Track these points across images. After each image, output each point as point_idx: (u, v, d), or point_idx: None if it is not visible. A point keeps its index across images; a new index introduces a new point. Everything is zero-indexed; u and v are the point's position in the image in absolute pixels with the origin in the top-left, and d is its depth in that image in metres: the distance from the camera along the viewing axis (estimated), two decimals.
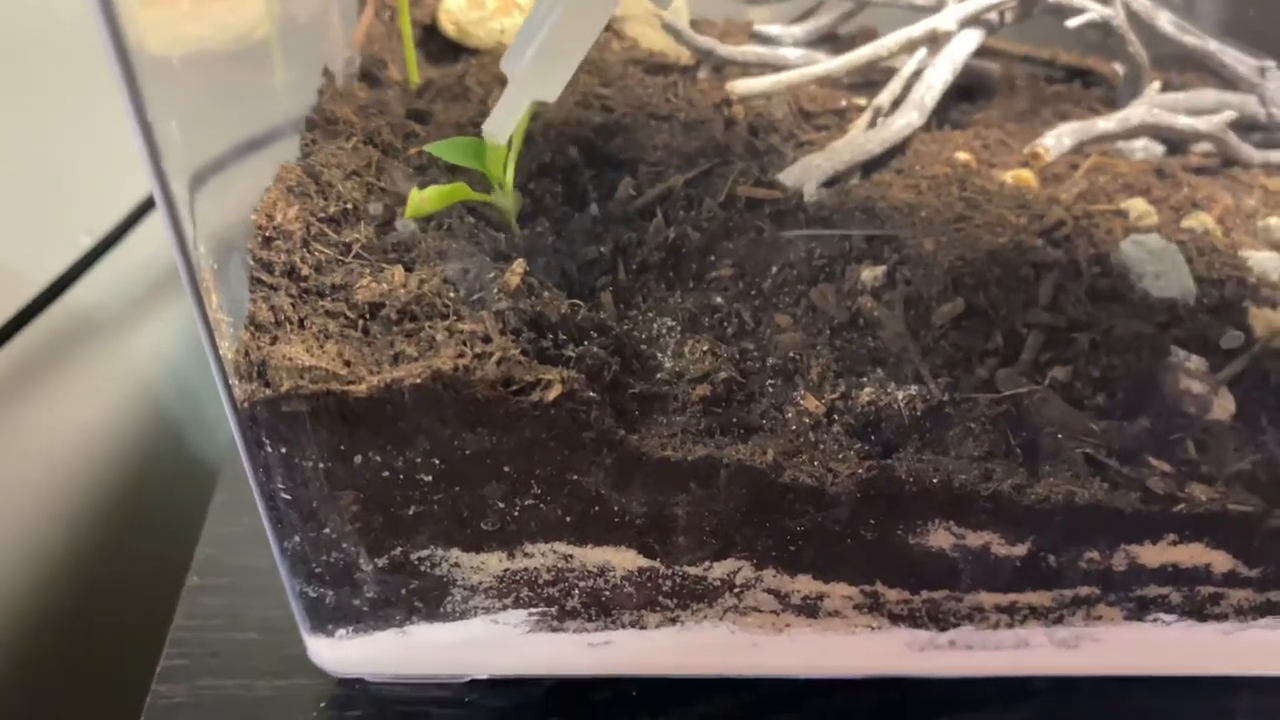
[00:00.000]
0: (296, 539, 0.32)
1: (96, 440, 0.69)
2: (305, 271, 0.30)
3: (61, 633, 0.66)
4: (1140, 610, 0.36)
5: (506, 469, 0.30)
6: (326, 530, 0.31)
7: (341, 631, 0.35)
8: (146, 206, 0.63)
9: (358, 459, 0.30)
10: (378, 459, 0.30)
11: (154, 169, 0.24)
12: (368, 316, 0.30)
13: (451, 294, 0.31)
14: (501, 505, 0.31)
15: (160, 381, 0.71)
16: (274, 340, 0.29)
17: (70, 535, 0.69)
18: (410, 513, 0.31)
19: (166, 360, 0.71)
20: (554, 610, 0.34)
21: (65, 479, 0.67)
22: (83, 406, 0.67)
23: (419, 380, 0.28)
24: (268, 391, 0.28)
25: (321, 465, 0.29)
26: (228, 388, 0.28)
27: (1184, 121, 0.43)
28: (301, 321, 0.29)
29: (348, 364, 0.28)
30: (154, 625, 0.49)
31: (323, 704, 0.37)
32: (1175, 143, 0.44)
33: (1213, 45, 0.45)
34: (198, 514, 0.71)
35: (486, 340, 0.29)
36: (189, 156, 0.27)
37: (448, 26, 0.44)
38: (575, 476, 0.31)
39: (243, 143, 0.33)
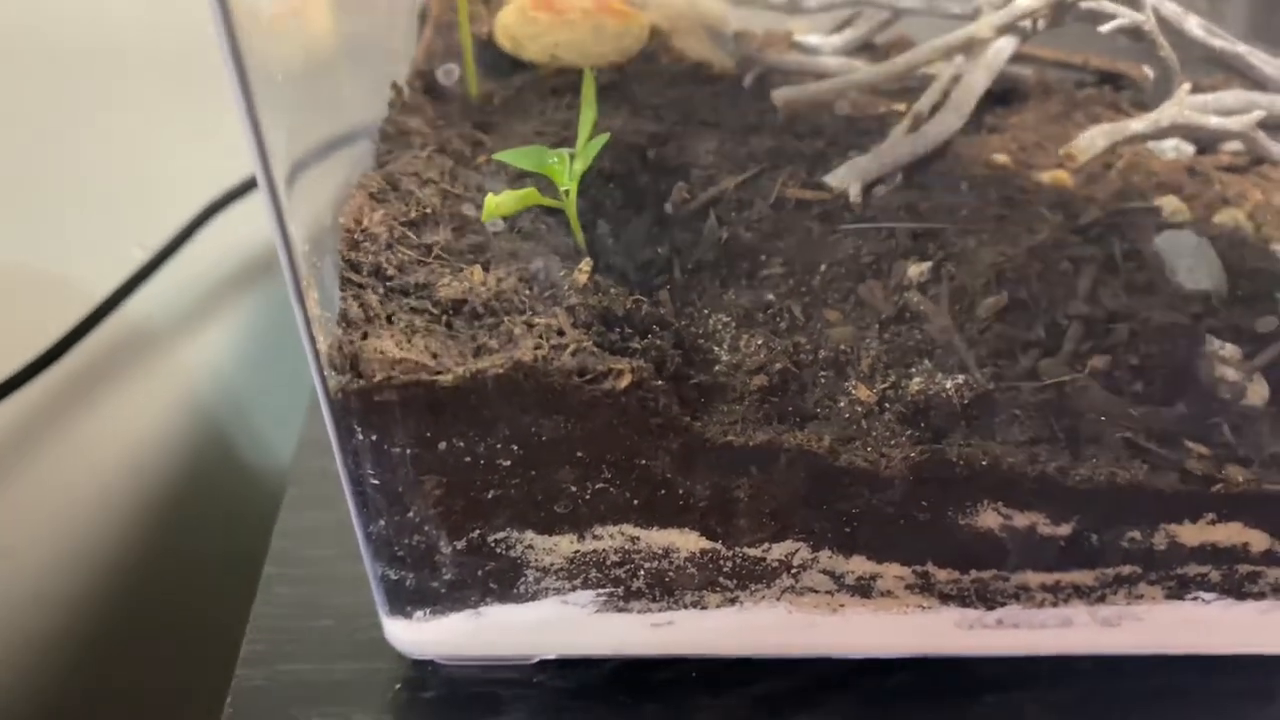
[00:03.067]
0: (381, 523, 0.34)
1: (149, 448, 0.71)
2: (390, 272, 0.32)
3: (128, 627, 0.69)
4: (1180, 589, 0.37)
5: (579, 454, 0.32)
6: (410, 514, 0.33)
7: (419, 613, 0.37)
8: (200, 220, 0.65)
9: (442, 445, 0.32)
10: (460, 445, 0.32)
11: (264, 175, 0.26)
12: (450, 313, 0.32)
13: (526, 291, 0.33)
14: (574, 489, 0.33)
15: (211, 393, 0.74)
16: (364, 335, 0.31)
17: (125, 539, 0.71)
18: (489, 496, 0.33)
19: (217, 372, 0.73)
20: (620, 591, 0.36)
21: (120, 486, 0.70)
22: (137, 417, 0.70)
23: (501, 370, 0.30)
24: (360, 382, 0.30)
25: (408, 451, 0.32)
26: (323, 379, 0.30)
27: (1214, 121, 0.44)
28: (389, 318, 0.31)
29: (434, 356, 0.30)
30: (221, 617, 0.51)
31: (397, 686, 0.39)
32: (1206, 142, 0.46)
33: (1241, 48, 0.46)
34: (249, 516, 0.73)
35: (561, 333, 0.31)
36: (286, 163, 0.29)
37: (504, 41, 0.46)
38: (643, 461, 0.33)
39: (317, 149, 0.35)
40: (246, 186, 0.65)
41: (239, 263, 0.70)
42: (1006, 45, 0.45)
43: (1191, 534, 0.35)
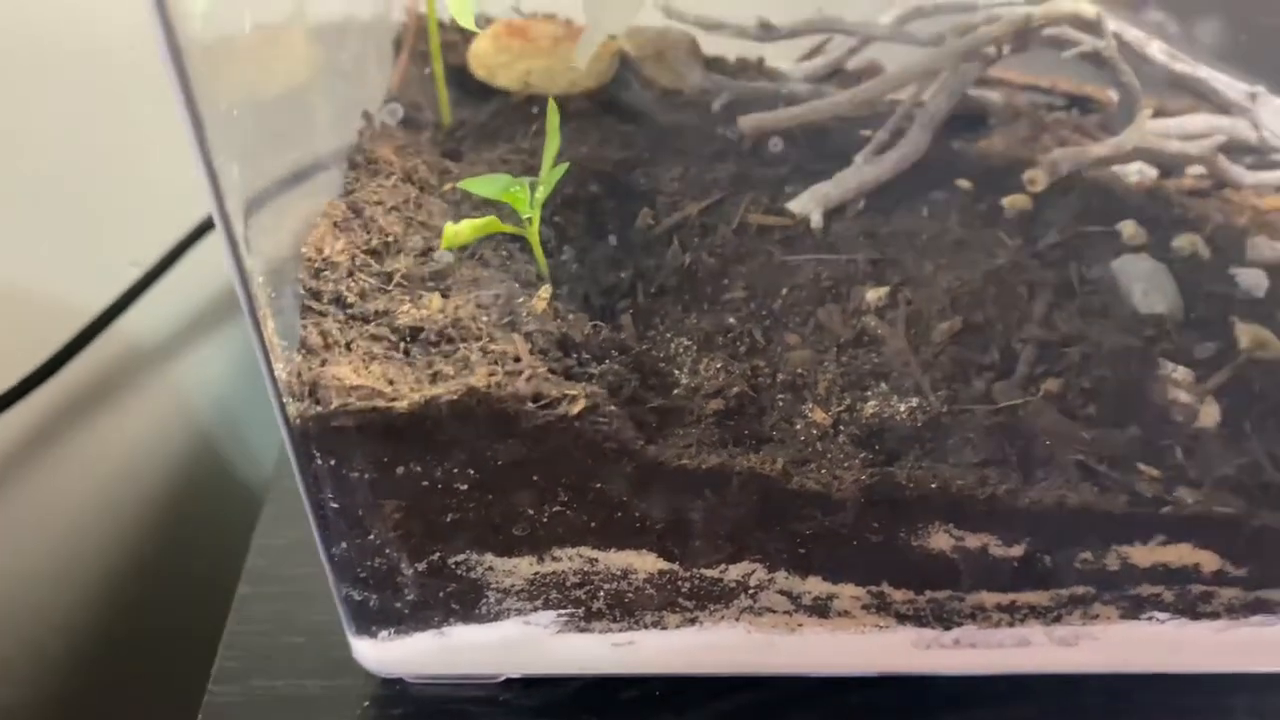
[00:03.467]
0: (343, 545, 0.34)
1: (143, 463, 0.72)
2: (351, 299, 0.33)
3: (117, 640, 0.69)
4: (1135, 608, 0.38)
5: (535, 478, 0.33)
6: (371, 537, 0.34)
7: (384, 633, 0.37)
8: (192, 238, 0.66)
9: (400, 470, 0.32)
10: (418, 470, 0.32)
11: (218, 207, 0.27)
12: (408, 339, 0.33)
13: (484, 318, 0.33)
14: (531, 512, 0.34)
15: (203, 408, 0.74)
16: (324, 362, 0.31)
17: (119, 553, 0.72)
18: (448, 520, 0.34)
19: (209, 387, 0.74)
20: (581, 611, 0.37)
21: (114, 500, 0.71)
22: (130, 432, 0.71)
23: (456, 396, 0.31)
24: (319, 409, 0.31)
25: (367, 476, 0.32)
26: (282, 406, 0.31)
27: (1176, 146, 0.45)
28: (348, 345, 0.32)
29: (391, 383, 0.31)
30: (205, 632, 0.52)
31: (366, 703, 0.40)
32: (1170, 166, 0.47)
33: (1203, 72, 0.47)
34: (240, 530, 0.73)
35: (517, 360, 0.32)
36: (243, 194, 0.30)
37: (478, 69, 0.47)
38: (598, 484, 0.33)
39: (284, 178, 0.36)
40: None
41: (232, 280, 0.71)
42: (971, 70, 0.46)
43: (1143, 555, 0.36)
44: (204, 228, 0.66)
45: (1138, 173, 0.46)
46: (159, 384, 0.71)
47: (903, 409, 0.36)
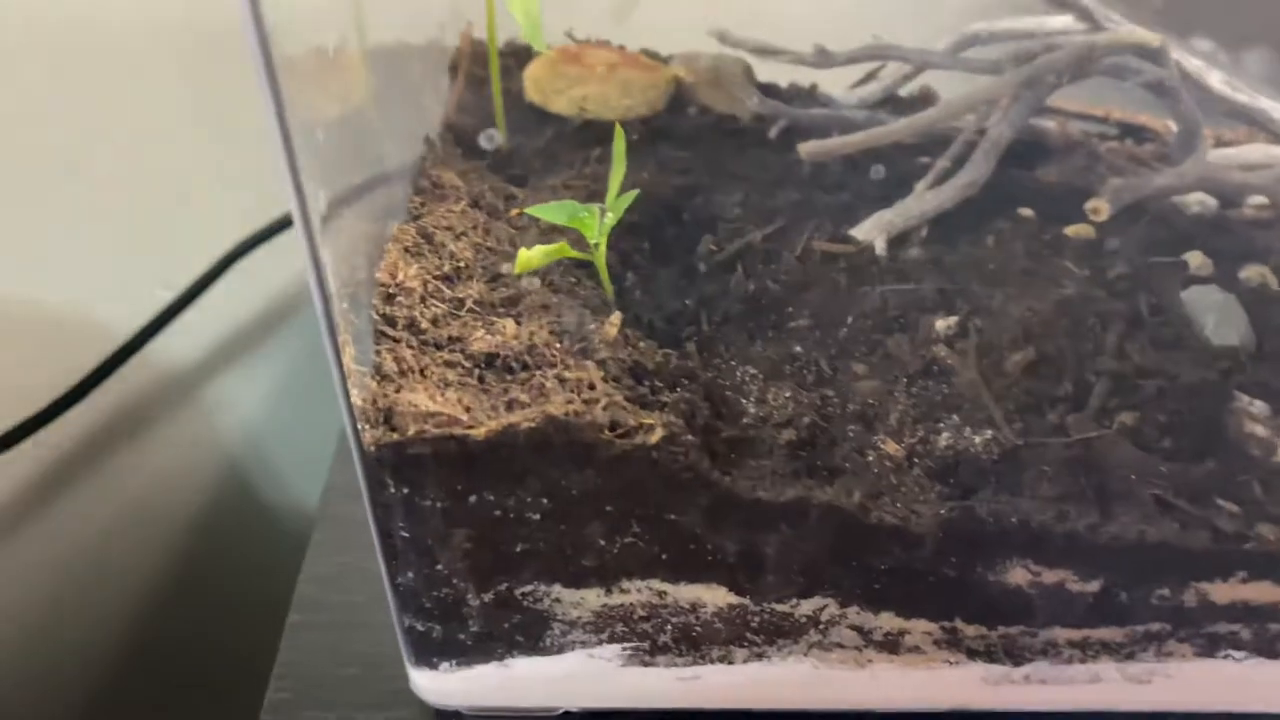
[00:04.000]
0: (409, 575, 0.34)
1: (172, 488, 0.72)
2: (424, 325, 0.33)
3: (151, 666, 0.69)
4: (1211, 647, 0.37)
5: (608, 508, 0.32)
6: (439, 567, 0.33)
7: (445, 665, 0.37)
8: (225, 263, 0.65)
9: (472, 499, 0.32)
10: (490, 498, 0.32)
11: (304, 227, 0.26)
12: (483, 366, 0.32)
13: (558, 345, 0.33)
14: (602, 543, 0.33)
15: (232, 433, 0.74)
16: (399, 389, 0.31)
17: (147, 578, 0.71)
18: (517, 550, 0.33)
19: (238, 413, 0.73)
20: (647, 645, 0.36)
21: (142, 524, 0.70)
22: (159, 456, 0.70)
23: (533, 424, 0.30)
24: (394, 436, 0.30)
25: (439, 505, 0.32)
26: (356, 432, 0.31)
27: (1237, 176, 0.45)
28: (423, 371, 0.31)
29: (467, 409, 0.30)
30: (243, 655, 0.51)
31: None
32: (1230, 197, 0.46)
33: (1264, 103, 0.47)
34: (269, 554, 0.73)
35: (591, 387, 0.32)
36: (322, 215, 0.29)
37: (533, 95, 0.46)
38: (672, 515, 0.33)
39: (347, 198, 0.36)
40: (272, 230, 0.65)
41: (263, 306, 0.71)
42: (1031, 99, 0.45)
43: (1222, 592, 0.35)
44: (237, 253, 0.66)
45: (1199, 203, 0.46)
46: (188, 408, 0.71)
47: (977, 441, 0.35)
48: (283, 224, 0.65)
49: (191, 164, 0.64)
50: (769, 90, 0.50)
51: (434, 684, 0.37)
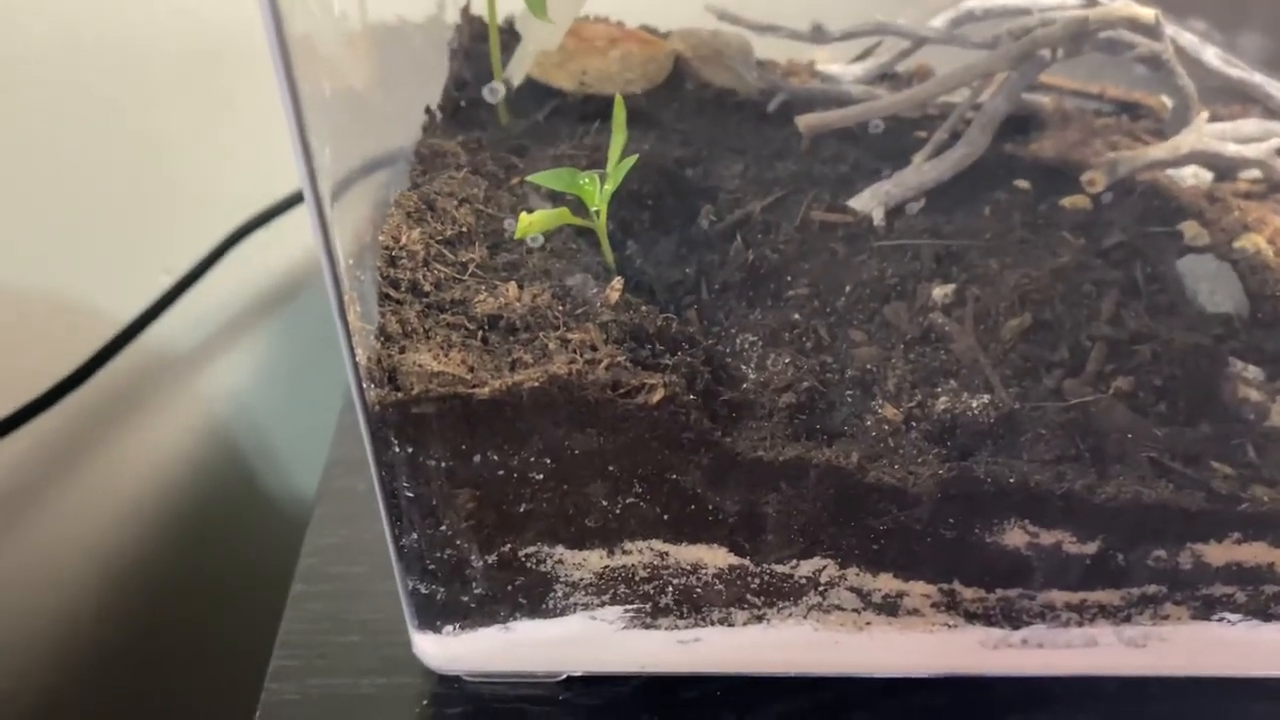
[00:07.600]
0: (414, 536, 0.34)
1: (173, 471, 0.72)
2: (427, 288, 0.33)
3: (156, 644, 0.69)
4: (1206, 609, 0.37)
5: (610, 468, 0.33)
6: (443, 528, 0.34)
7: (448, 628, 0.37)
8: (225, 246, 0.66)
9: (476, 458, 0.32)
10: (494, 458, 0.32)
11: (311, 188, 0.27)
12: (486, 328, 0.32)
13: (560, 307, 0.33)
14: (604, 503, 0.34)
15: (232, 416, 0.74)
16: (403, 349, 0.31)
17: (148, 557, 0.71)
18: (521, 510, 0.33)
19: (239, 396, 0.74)
20: (648, 607, 0.36)
21: (143, 506, 0.70)
22: (159, 439, 0.71)
23: (537, 383, 0.30)
24: (398, 395, 0.31)
25: (443, 464, 0.32)
26: (361, 391, 0.31)
27: (1232, 149, 0.45)
28: (427, 332, 0.32)
29: (471, 369, 0.31)
30: (249, 636, 0.51)
31: (424, 701, 0.39)
32: (1224, 170, 0.47)
33: (1258, 77, 0.47)
34: (269, 533, 0.73)
35: (594, 349, 0.32)
36: (330, 182, 0.30)
37: (535, 69, 0.47)
38: (673, 476, 0.33)
39: (356, 170, 0.36)
40: (271, 212, 0.66)
41: (263, 288, 0.71)
42: (1026, 74, 0.46)
43: (1217, 553, 0.36)
44: (237, 236, 0.66)
45: (1193, 176, 0.46)
46: (189, 391, 0.71)
47: (974, 405, 0.36)
48: (282, 208, 0.66)
49: (191, 149, 0.64)
50: (766, 67, 0.50)
51: (437, 648, 0.38)
